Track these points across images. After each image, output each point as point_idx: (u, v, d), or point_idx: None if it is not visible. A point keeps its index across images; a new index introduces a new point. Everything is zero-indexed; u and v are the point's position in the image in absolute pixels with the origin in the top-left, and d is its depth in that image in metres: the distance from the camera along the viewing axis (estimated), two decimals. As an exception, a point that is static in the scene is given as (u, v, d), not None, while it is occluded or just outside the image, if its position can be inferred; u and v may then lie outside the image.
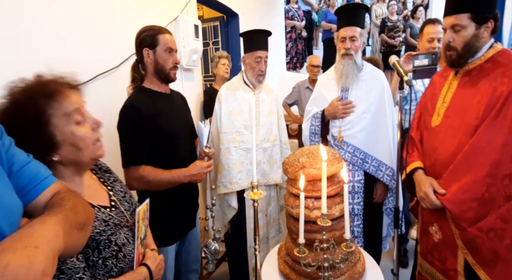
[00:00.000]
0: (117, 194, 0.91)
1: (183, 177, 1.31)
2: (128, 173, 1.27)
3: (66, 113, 0.73)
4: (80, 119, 0.76)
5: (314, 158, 1.02)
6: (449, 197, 1.10)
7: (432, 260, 1.24)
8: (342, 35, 1.61)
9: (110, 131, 1.60)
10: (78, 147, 0.76)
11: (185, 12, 2.32)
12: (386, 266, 1.62)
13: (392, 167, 1.61)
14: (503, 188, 1.02)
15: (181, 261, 1.54)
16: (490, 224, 1.04)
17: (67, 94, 0.75)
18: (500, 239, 1.03)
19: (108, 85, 1.64)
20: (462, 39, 1.13)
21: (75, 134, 0.75)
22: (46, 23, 1.32)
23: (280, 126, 1.88)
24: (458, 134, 1.13)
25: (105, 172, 0.96)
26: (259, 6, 3.99)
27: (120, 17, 1.73)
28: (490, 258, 1.05)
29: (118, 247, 0.79)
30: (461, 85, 1.19)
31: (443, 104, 1.24)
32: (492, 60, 1.13)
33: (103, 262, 0.76)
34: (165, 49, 1.32)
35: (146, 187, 1.26)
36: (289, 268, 1.03)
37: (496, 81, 1.08)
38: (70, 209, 0.60)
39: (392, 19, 5.13)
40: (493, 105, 1.06)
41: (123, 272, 0.79)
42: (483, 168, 1.04)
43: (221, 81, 2.70)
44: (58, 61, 1.36)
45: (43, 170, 0.67)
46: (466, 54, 1.15)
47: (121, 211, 0.87)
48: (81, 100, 0.79)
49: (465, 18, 1.11)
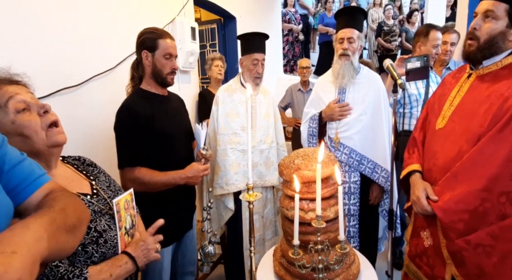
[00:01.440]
0: (101, 184, 0.91)
1: (178, 179, 1.31)
2: (124, 175, 1.27)
3: (0, 104, 0.72)
4: (21, 106, 0.74)
5: (309, 160, 1.02)
6: (440, 205, 1.07)
7: (421, 265, 1.22)
8: (341, 36, 1.64)
9: (106, 131, 1.60)
10: (25, 135, 0.74)
11: (182, 15, 2.33)
12: (381, 268, 1.63)
13: (387, 169, 1.62)
14: (498, 205, 0.98)
15: (177, 263, 1.53)
16: (479, 240, 1.00)
17: (0, 87, 0.74)
18: (488, 256, 0.99)
19: (105, 86, 1.63)
20: (488, 30, 1.04)
21: (16, 122, 0.73)
22: (43, 23, 1.32)
23: (277, 129, 1.88)
24: (460, 141, 1.08)
25: (89, 165, 0.96)
26: (257, 9, 4.01)
27: (117, 19, 1.73)
28: (475, 273, 1.02)
29: (98, 233, 0.79)
30: (472, 90, 1.12)
31: (450, 107, 1.17)
32: (509, 67, 1.05)
33: (83, 249, 0.76)
34: (164, 54, 1.32)
35: (142, 188, 1.26)
36: (284, 270, 1.03)
37: (508, 91, 1.00)
38: (59, 210, 0.58)
39: (388, 23, 5.19)
40: (501, 116, 0.99)
41: (105, 258, 0.80)
42: (480, 181, 1.00)
43: (215, 83, 2.71)
44: (54, 61, 1.36)
45: (36, 169, 0.66)
46: (485, 49, 1.06)
47: (104, 199, 0.88)
48: (19, 90, 0.76)
49: (502, 8, 1.02)
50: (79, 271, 0.72)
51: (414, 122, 2.02)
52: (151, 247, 0.88)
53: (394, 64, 1.46)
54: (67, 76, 1.42)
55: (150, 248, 0.88)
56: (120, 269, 0.80)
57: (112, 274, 0.77)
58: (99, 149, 1.55)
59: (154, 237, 0.90)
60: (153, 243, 0.89)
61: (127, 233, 0.89)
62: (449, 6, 5.30)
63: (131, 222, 0.91)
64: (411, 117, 2.03)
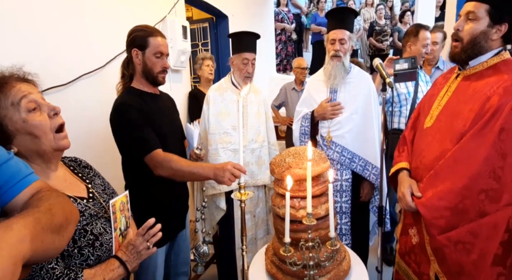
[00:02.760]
0: (96, 187, 0.93)
1: (208, 169, 1.23)
2: (151, 160, 1.24)
3: (13, 102, 0.73)
4: (32, 106, 0.75)
5: (300, 158, 1.03)
6: (423, 201, 1.09)
7: (409, 262, 1.24)
8: (332, 37, 1.65)
9: (96, 131, 1.57)
10: (34, 134, 0.75)
11: (173, 13, 2.31)
12: (371, 264, 1.65)
13: (378, 166, 1.65)
14: (477, 203, 1.00)
15: (170, 263, 1.52)
16: (460, 236, 1.02)
17: (13, 84, 0.75)
18: (467, 253, 1.01)
19: (94, 85, 1.61)
20: (470, 30, 1.07)
21: (27, 121, 0.74)
22: (30, 21, 1.29)
23: (268, 128, 1.89)
24: (445, 139, 1.11)
25: (85, 167, 0.97)
26: (249, 8, 4.01)
27: (106, 17, 1.70)
28: (455, 270, 1.03)
29: (94, 236, 0.81)
30: (458, 90, 1.15)
31: (438, 107, 1.20)
32: (494, 68, 1.07)
33: (79, 251, 0.77)
34: (154, 53, 1.30)
35: (170, 173, 1.24)
36: (275, 268, 1.04)
37: (490, 91, 1.02)
38: (45, 210, 0.58)
39: (380, 23, 5.25)
40: (482, 115, 1.01)
41: (100, 260, 0.82)
42: (461, 179, 1.02)
43: (205, 82, 2.69)
44: (41, 59, 1.34)
45: (24, 168, 0.66)
46: (469, 49, 1.09)
47: (100, 203, 0.89)
48: (32, 89, 0.77)
49: (483, 9, 1.05)
50: (74, 274, 0.73)
51: (404, 121, 2.05)
52: (141, 248, 0.88)
53: (383, 63, 1.48)
54: (55, 75, 1.39)
55: (140, 250, 0.88)
56: (112, 273, 0.81)
57: (105, 278, 0.79)
58: (89, 149, 1.52)
59: (144, 237, 0.90)
60: (143, 244, 0.89)
61: (121, 235, 0.90)
62: (439, 7, 5.40)
63: (126, 224, 0.92)
64: (400, 116, 2.07)
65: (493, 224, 0.99)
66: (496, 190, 0.98)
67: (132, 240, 0.89)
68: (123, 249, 0.87)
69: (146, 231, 0.90)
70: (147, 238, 0.90)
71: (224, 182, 1.19)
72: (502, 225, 0.98)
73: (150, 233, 0.90)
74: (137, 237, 0.90)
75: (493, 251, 0.99)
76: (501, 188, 0.98)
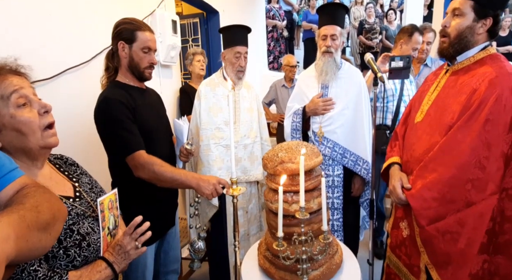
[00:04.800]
0: (84, 186, 0.89)
1: (192, 178, 1.22)
2: (133, 161, 1.20)
3: (3, 95, 0.70)
4: (22, 102, 0.72)
5: (293, 153, 1.02)
6: (413, 193, 1.11)
7: (400, 255, 1.26)
8: (324, 33, 1.65)
9: (81, 127, 1.52)
10: (21, 131, 0.72)
11: (162, 7, 2.26)
12: (362, 257, 1.67)
13: (369, 161, 1.67)
14: (464, 192, 1.02)
15: (160, 261, 1.50)
16: (447, 226, 1.04)
17: (5, 77, 0.72)
18: (454, 242, 1.03)
19: (79, 79, 1.56)
20: (457, 26, 1.12)
21: (15, 117, 0.71)
22: (14, 13, 1.23)
23: (260, 123, 1.88)
24: (434, 132, 1.14)
25: (71, 165, 0.94)
26: (240, 4, 3.97)
27: (93, 10, 1.65)
28: (443, 259, 1.05)
29: (81, 236, 0.78)
30: (447, 84, 1.19)
31: (428, 102, 1.24)
32: (480, 62, 1.11)
33: (65, 252, 0.74)
34: (142, 47, 1.27)
35: (151, 176, 1.20)
36: (268, 263, 1.04)
37: (477, 83, 1.06)
38: (30, 207, 0.55)
39: (370, 21, 5.30)
40: (469, 107, 1.05)
41: (88, 261, 0.79)
42: (449, 169, 1.04)
43: (197, 78, 2.65)
44: (25, 53, 1.28)
45: (7, 163, 0.63)
46: (456, 44, 1.13)
47: (87, 202, 0.86)
48: (23, 84, 0.74)
49: (468, 5, 1.10)
50: (58, 276, 0.70)
51: (390, 116, 2.11)
52: (128, 248, 0.85)
53: (378, 61, 1.50)
54: (40, 69, 1.33)
55: (127, 250, 0.85)
56: (99, 275, 0.78)
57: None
58: (74, 145, 1.48)
59: (132, 236, 0.87)
60: (130, 243, 0.86)
61: (110, 234, 0.86)
62: (426, 5, 5.50)
63: (114, 223, 0.89)
64: (387, 111, 2.11)
65: (479, 213, 1.02)
66: (481, 179, 1.01)
67: (119, 240, 0.86)
68: (110, 250, 0.84)
69: (133, 230, 0.87)
70: (135, 237, 0.87)
71: (206, 195, 1.20)
72: (488, 214, 1.01)
73: (138, 231, 0.87)
74: (124, 236, 0.86)
75: (480, 240, 1.02)
76: (486, 177, 1.01)
